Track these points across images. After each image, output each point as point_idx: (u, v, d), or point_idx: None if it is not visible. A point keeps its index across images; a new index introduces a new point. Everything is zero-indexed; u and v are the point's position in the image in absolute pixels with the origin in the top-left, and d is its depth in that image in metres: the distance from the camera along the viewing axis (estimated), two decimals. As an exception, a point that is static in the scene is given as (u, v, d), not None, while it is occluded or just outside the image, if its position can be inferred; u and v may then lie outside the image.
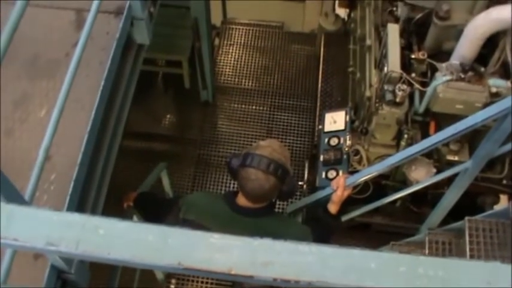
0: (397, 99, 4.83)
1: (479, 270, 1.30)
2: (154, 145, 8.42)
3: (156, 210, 4.23)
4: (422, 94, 4.90)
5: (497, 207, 5.31)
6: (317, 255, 1.31)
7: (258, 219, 3.71)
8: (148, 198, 4.57)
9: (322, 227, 3.97)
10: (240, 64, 9.12)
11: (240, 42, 9.42)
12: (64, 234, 1.41)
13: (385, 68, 4.91)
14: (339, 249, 1.32)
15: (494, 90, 4.67)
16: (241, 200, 3.72)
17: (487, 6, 4.71)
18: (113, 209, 4.22)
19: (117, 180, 4.34)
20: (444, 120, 4.77)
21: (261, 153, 3.57)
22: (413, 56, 4.99)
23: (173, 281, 6.93)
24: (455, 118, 4.03)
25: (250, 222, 3.69)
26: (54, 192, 3.15)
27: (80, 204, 3.26)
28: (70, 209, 3.07)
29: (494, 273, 1.28)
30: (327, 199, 4.16)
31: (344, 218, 4.68)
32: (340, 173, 5.17)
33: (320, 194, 4.50)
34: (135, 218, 4.64)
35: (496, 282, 1.26)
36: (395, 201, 5.42)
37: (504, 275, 1.27)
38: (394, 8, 5.46)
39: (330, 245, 1.33)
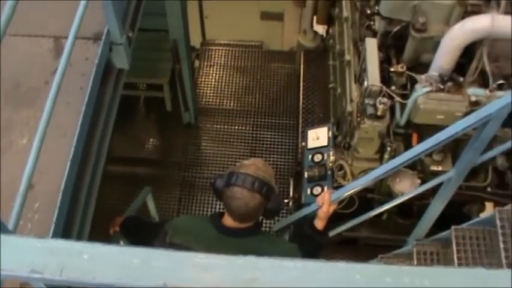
0: (378, 113, 4.85)
1: (464, 277, 1.30)
2: (139, 169, 8.40)
3: (142, 234, 4.21)
4: (403, 106, 4.92)
5: (483, 215, 5.33)
6: (302, 270, 1.31)
7: (245, 239, 3.69)
8: (134, 223, 4.54)
9: (310, 244, 3.96)
10: (221, 85, 9.14)
11: (220, 63, 9.44)
12: (48, 261, 1.41)
13: (365, 82, 4.94)
14: (324, 263, 1.32)
15: (473, 99, 4.70)
16: (228, 221, 3.69)
17: (463, 17, 4.75)
18: (100, 235, 4.20)
19: (103, 207, 4.34)
20: (426, 131, 4.79)
21: (245, 172, 3.57)
22: (392, 69, 5.01)
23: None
24: (437, 129, 4.04)
25: (238, 243, 3.66)
26: (38, 220, 3.13)
27: (65, 231, 3.25)
28: (55, 237, 3.05)
29: (479, 279, 1.29)
30: (313, 215, 4.16)
31: (331, 234, 4.67)
32: (325, 188, 5.18)
33: (306, 211, 4.49)
34: (121, 243, 4.61)
35: (481, 288, 1.26)
36: (381, 214, 5.43)
37: (489, 281, 1.28)
38: (372, 23, 5.50)
39: (314, 260, 1.33)
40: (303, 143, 5.79)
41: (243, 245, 3.66)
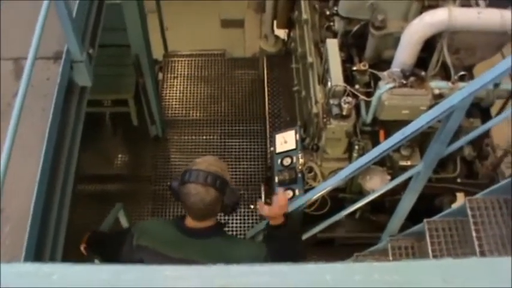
0: (344, 112, 4.88)
1: (433, 269, 1.31)
2: (109, 186, 8.34)
3: (109, 244, 4.22)
4: (368, 104, 4.96)
5: (455, 206, 5.37)
6: (273, 274, 1.31)
7: (209, 239, 3.73)
8: (98, 236, 4.54)
9: (275, 241, 3.94)
10: (186, 96, 9.10)
11: (184, 74, 9.40)
12: (17, 285, 1.39)
13: (329, 83, 4.97)
14: (294, 266, 1.32)
15: (437, 92, 4.75)
16: (189, 221, 3.74)
17: (420, 12, 4.81)
18: (74, 255, 4.18)
19: (75, 226, 4.30)
20: (393, 127, 4.82)
21: (197, 168, 3.61)
22: (355, 68, 5.05)
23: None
24: (403, 124, 4.07)
25: (201, 244, 3.71)
26: (10, 245, 3.10)
27: (37, 254, 3.23)
28: (27, 260, 3.03)
29: (447, 270, 1.30)
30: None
31: (306, 236, 4.69)
32: (297, 192, 5.20)
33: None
34: (96, 261, 4.59)
35: (450, 279, 1.27)
36: (354, 212, 5.45)
37: (457, 271, 1.29)
38: (331, 23, 5.52)
39: (284, 263, 1.33)
40: (272, 148, 5.81)
41: (207, 245, 3.71)
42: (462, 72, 4.83)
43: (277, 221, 3.95)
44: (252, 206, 4.92)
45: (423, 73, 4.79)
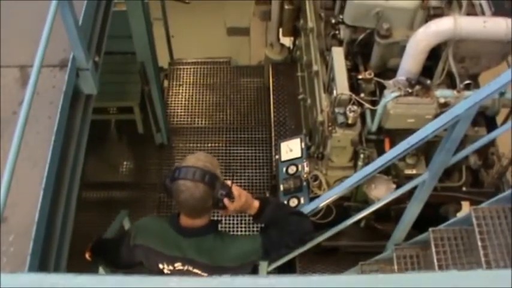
0: (349, 121, 4.87)
1: (437, 280, 1.31)
2: (115, 194, 8.34)
3: (110, 247, 4.29)
4: (373, 113, 4.94)
5: (460, 214, 5.36)
6: (276, 287, 1.30)
7: (203, 237, 3.76)
8: (103, 242, 4.56)
9: (267, 228, 3.96)
10: (192, 103, 9.10)
11: (189, 82, 9.40)
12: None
13: (334, 91, 4.96)
14: (297, 278, 1.31)
15: (442, 100, 4.73)
16: (183, 220, 3.76)
17: (426, 21, 4.80)
18: (79, 263, 4.17)
19: (80, 234, 4.31)
20: (398, 135, 4.81)
21: (186, 164, 3.61)
22: (360, 77, 5.03)
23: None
24: (408, 132, 4.06)
25: (194, 242, 3.75)
26: (14, 253, 3.10)
27: (41, 262, 3.22)
28: (32, 268, 3.02)
29: (451, 281, 1.29)
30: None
31: (310, 245, 4.67)
32: (301, 200, 5.20)
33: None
34: (100, 269, 4.59)
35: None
36: (359, 221, 5.43)
37: (460, 282, 1.28)
38: (337, 32, 5.52)
39: (288, 275, 1.32)
40: (277, 156, 5.80)
41: (202, 244, 3.75)
42: (467, 81, 4.82)
43: (252, 211, 3.92)
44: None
45: (429, 82, 4.78)
